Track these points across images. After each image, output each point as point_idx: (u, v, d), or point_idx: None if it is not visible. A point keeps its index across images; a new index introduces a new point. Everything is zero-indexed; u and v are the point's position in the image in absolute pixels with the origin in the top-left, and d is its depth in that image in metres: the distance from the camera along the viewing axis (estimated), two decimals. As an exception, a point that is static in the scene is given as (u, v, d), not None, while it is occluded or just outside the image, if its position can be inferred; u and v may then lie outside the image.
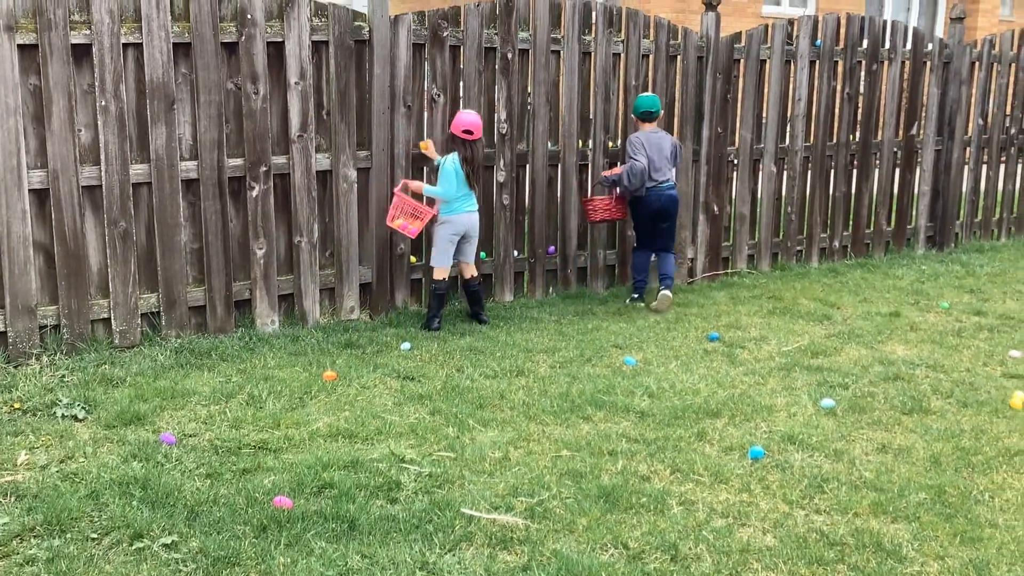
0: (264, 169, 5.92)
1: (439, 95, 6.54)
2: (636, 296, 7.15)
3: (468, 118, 6.23)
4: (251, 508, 3.69)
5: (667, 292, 6.95)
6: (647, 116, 6.94)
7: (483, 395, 5.03)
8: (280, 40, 5.88)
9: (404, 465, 4.14)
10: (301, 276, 6.16)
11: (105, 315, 5.56)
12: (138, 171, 5.56)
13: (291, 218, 6.09)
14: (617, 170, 6.96)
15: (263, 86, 5.84)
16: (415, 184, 6.30)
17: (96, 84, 5.35)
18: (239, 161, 5.87)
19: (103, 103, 5.38)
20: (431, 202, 6.38)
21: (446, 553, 3.44)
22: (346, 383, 5.16)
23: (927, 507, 3.87)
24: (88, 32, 5.29)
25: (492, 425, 4.65)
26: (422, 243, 6.67)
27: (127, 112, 5.48)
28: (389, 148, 6.34)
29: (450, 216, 6.27)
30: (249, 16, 5.72)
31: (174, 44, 5.54)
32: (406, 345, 5.84)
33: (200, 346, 5.61)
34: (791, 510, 3.84)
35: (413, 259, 6.63)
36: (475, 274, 6.49)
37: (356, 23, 6.14)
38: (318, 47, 6.04)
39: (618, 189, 6.97)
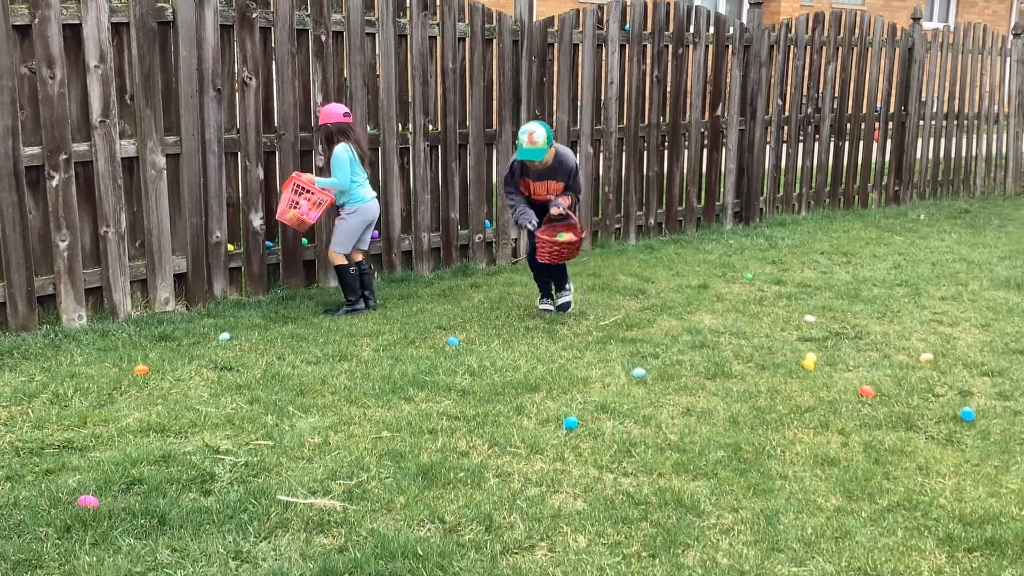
0: (64, 157, 5.65)
1: (251, 78, 6.41)
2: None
3: (338, 106, 6.26)
4: (55, 509, 3.55)
5: None
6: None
7: (304, 381, 5.00)
8: (77, 22, 5.61)
9: (219, 456, 4.08)
10: (109, 268, 5.92)
11: None
12: (-79, 161, 5.21)
13: (96, 208, 5.85)
14: (566, 200, 6.23)
15: (60, 70, 5.57)
16: (306, 177, 6.14)
17: None
18: (36, 149, 5.58)
19: None
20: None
21: (261, 541, 3.42)
22: (159, 376, 5.01)
23: (724, 464, 4.13)
24: None
25: (312, 411, 4.64)
26: (238, 231, 6.54)
27: (-95, 98, 5.12)
28: (200, 133, 6.17)
29: (359, 205, 6.24)
30: (40, -4, 5.43)
31: (-44, 25, 5.21)
32: (225, 335, 5.72)
33: (0, 345, 5.32)
34: (601, 475, 4.02)
35: (231, 247, 6.49)
36: (363, 258, 6.47)
37: (159, 4, 5.93)
38: (119, 29, 5.81)
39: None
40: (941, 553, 3.44)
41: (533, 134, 5.92)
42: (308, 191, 6.07)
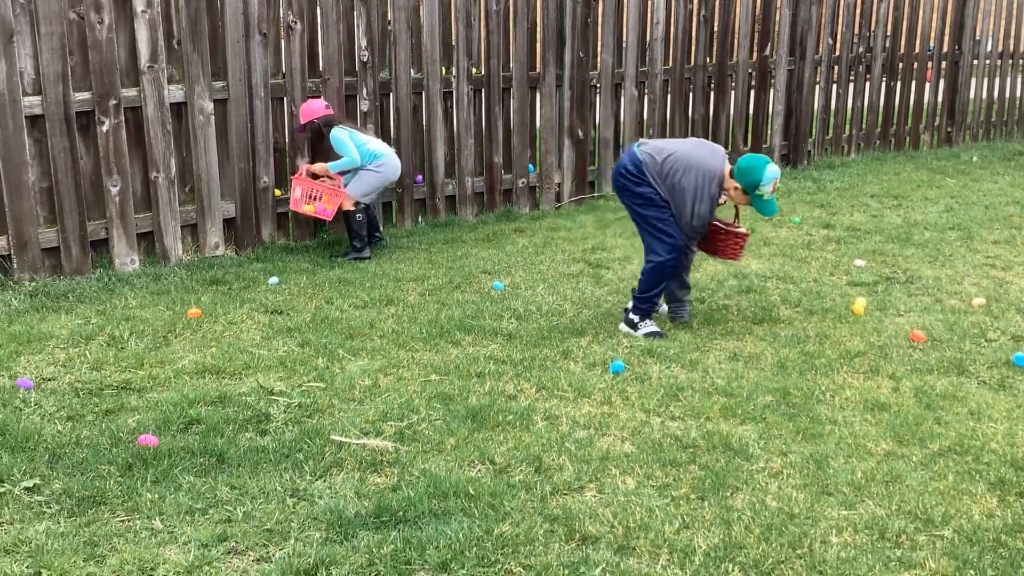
0: (114, 102, 5.70)
1: (296, 22, 6.39)
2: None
3: (317, 100, 6.29)
4: (115, 448, 3.65)
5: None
6: None
7: (353, 325, 5.06)
8: (123, -34, 5.63)
9: (273, 397, 4.15)
10: (160, 213, 6.00)
11: (-50, 260, 5.32)
12: (-24, 108, 5.28)
13: (146, 153, 5.91)
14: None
15: (108, 15, 5.60)
16: (318, 166, 6.21)
17: (-78, 15, 5.03)
18: (86, 95, 5.64)
19: (-69, 36, 5.08)
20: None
21: (316, 479, 3.50)
22: (212, 320, 5.10)
23: (772, 408, 4.13)
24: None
25: (362, 354, 4.70)
26: (285, 176, 6.58)
27: (-41, 45, 5.19)
28: (246, 78, 6.19)
29: (384, 161, 6.26)
30: (87, -59, 5.44)
31: (6, -28, 5.24)
32: (274, 279, 5.79)
33: (56, 289, 5.44)
34: (648, 418, 4.04)
35: (278, 192, 6.54)
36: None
37: (204, -52, 5.91)
38: (165, -27, 5.81)
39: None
40: (992, 497, 3.42)
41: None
42: (322, 182, 6.14)
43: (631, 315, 5.05)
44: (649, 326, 5.03)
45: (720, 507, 3.34)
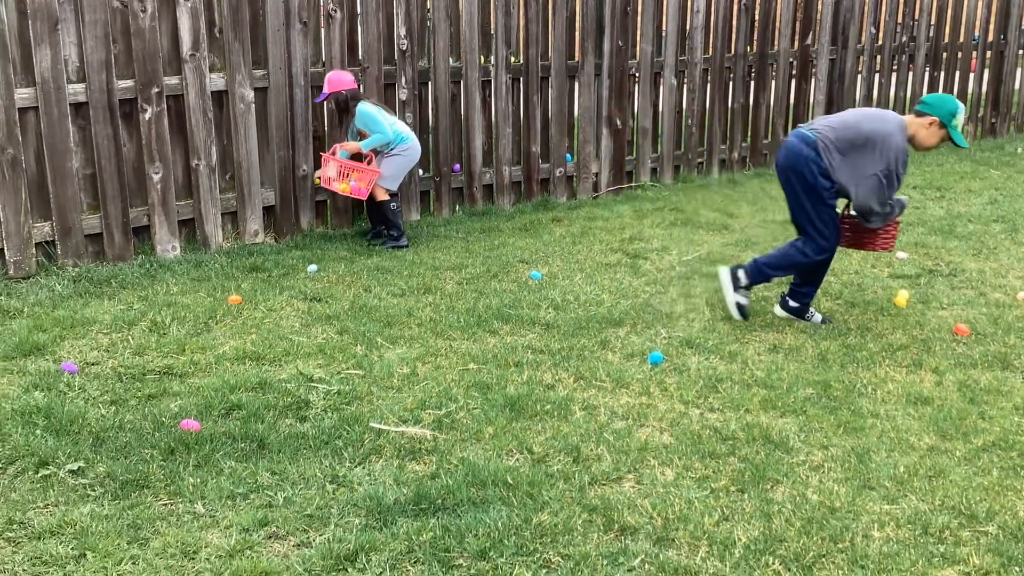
0: (156, 90, 5.76)
1: (336, 11, 6.40)
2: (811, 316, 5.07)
3: (345, 72, 6.24)
4: (158, 432, 3.70)
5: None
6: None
7: (391, 313, 5.07)
8: (166, -45, 5.67)
9: (312, 384, 4.18)
10: (201, 200, 6.06)
11: (-3, 246, 5.41)
12: (24, 95, 5.36)
13: (187, 141, 5.96)
14: None
15: (151, 3, 5.65)
16: (351, 145, 6.21)
17: (-30, 4, 5.10)
18: (129, 83, 5.69)
19: (-21, 24, 5.15)
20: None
21: (356, 466, 3.52)
22: (252, 306, 5.14)
23: (813, 401, 4.09)
24: (-43, -52, 5.02)
25: (400, 342, 4.71)
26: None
27: (9, 34, 5.26)
28: (286, 67, 6.22)
29: (408, 145, 6.28)
30: (131, -70, 5.49)
31: (52, -40, 5.30)
32: (313, 267, 5.82)
33: (99, 274, 5.51)
34: (687, 409, 4.01)
35: (317, 180, 6.57)
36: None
37: (245, -64, 5.94)
38: (206, -38, 5.85)
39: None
40: (1039, 495, 3.37)
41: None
42: (346, 166, 6.10)
43: (791, 302, 5.02)
44: (741, 296, 5.00)
45: (760, 500, 3.31)
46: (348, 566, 2.92)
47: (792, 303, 5.02)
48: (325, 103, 6.39)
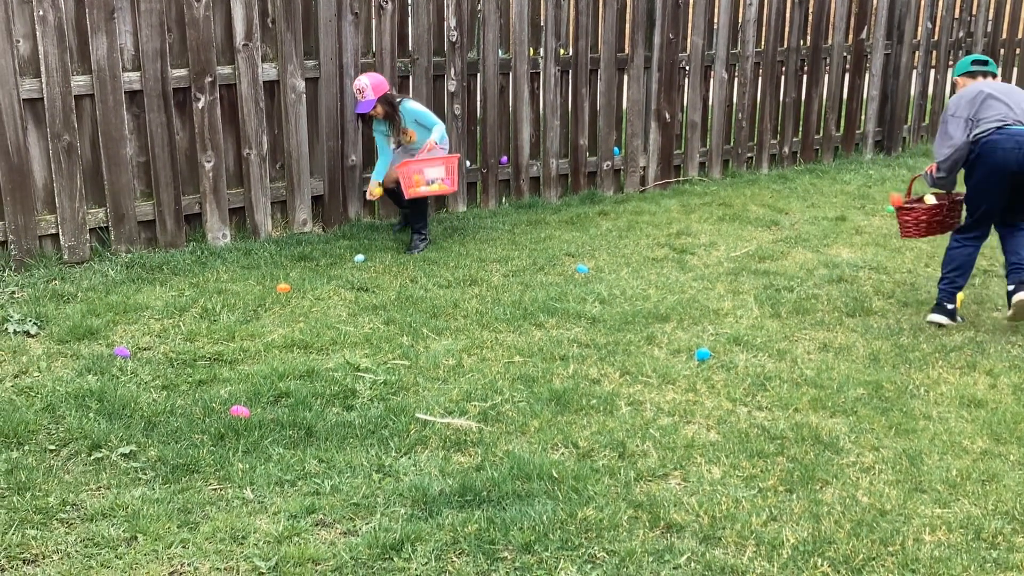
0: (209, 80, 5.82)
1: (387, 2, 6.42)
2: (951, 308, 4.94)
3: (373, 73, 6.06)
4: (208, 417, 3.75)
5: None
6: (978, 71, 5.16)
7: (437, 304, 5.09)
8: (221, -55, 5.72)
9: (359, 373, 4.21)
10: (251, 189, 6.12)
11: (53, 231, 5.50)
12: (80, 83, 5.44)
13: (239, 130, 6.02)
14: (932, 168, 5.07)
15: (205, -6, 5.70)
16: (428, 143, 6.01)
17: (31, -7, 5.19)
18: (183, 71, 5.76)
19: (41, 13, 5.24)
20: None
21: (402, 456, 3.53)
22: (300, 295, 5.18)
23: (864, 402, 4.03)
24: (19, -62, 5.10)
25: (446, 333, 4.72)
26: (373, 154, 6.63)
27: (66, 22, 5.34)
28: (337, 57, 6.25)
29: (445, 136, 6.22)
30: (187, -80, 5.55)
31: (110, -50, 5.37)
32: (360, 257, 5.86)
33: (151, 260, 5.59)
34: (734, 407, 3.98)
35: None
36: None
37: (299, -73, 5.98)
38: (260, -48, 5.89)
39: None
40: (1097, 503, 3.29)
41: None
42: (429, 163, 5.98)
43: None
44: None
45: (809, 500, 3.27)
46: (394, 555, 2.94)
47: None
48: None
